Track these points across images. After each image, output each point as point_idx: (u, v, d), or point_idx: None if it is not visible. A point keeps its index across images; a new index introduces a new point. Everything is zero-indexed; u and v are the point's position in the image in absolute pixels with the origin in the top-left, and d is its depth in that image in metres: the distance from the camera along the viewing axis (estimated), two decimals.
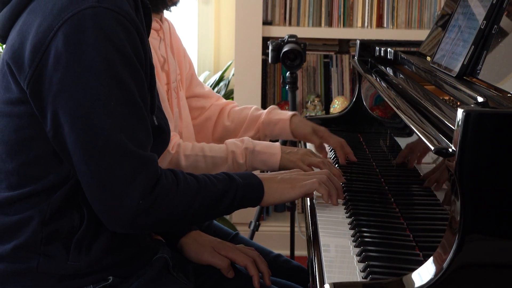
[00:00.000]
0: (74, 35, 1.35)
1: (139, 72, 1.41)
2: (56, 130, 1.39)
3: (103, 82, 1.35)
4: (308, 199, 1.70)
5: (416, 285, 1.16)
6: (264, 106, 3.56)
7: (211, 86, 3.54)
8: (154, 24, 1.91)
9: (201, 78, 3.63)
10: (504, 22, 1.57)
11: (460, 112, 1.14)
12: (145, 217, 1.40)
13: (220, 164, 1.86)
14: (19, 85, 1.40)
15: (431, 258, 1.19)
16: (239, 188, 1.51)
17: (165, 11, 1.97)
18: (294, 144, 2.94)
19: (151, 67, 1.48)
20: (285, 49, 2.87)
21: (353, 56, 2.51)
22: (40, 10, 1.40)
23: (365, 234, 1.46)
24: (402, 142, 1.69)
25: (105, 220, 1.41)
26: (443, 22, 2.01)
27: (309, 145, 2.25)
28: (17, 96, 1.42)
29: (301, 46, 2.88)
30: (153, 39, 1.89)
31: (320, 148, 2.07)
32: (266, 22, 3.46)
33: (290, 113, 2.12)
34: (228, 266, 1.67)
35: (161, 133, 1.55)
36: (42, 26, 1.37)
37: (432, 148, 1.23)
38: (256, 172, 1.64)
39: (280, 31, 3.37)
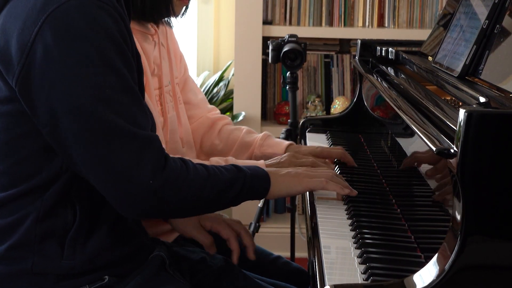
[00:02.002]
0: (63, 27, 1.34)
1: (129, 58, 1.41)
2: (53, 124, 1.37)
3: (98, 71, 1.35)
4: (308, 200, 1.69)
5: (418, 286, 1.15)
6: (264, 106, 3.56)
7: (210, 86, 3.53)
8: (149, 29, 1.89)
9: (200, 78, 3.62)
10: (507, 21, 1.57)
11: (462, 113, 1.13)
12: (158, 199, 1.39)
13: None
14: (7, 83, 1.39)
15: (433, 259, 1.18)
16: (247, 178, 1.51)
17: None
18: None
19: (137, 55, 1.49)
20: (286, 49, 2.86)
21: (354, 56, 2.50)
22: (22, 6, 1.39)
23: (366, 235, 1.46)
24: (404, 142, 1.68)
25: (119, 206, 1.40)
26: (445, 21, 2.00)
27: (309, 142, 2.24)
28: (5, 95, 1.41)
29: (302, 46, 2.88)
30: (147, 44, 1.87)
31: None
32: (266, 22, 3.45)
33: (285, 144, 2.02)
34: (211, 243, 1.67)
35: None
36: (27, 22, 1.36)
37: (434, 148, 1.22)
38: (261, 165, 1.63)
39: (280, 31, 3.36)
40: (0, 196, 1.46)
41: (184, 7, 1.87)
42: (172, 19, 1.89)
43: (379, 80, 2.00)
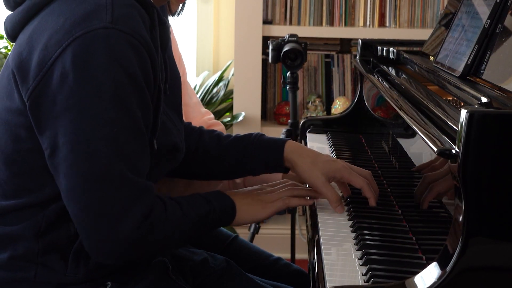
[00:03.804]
0: (84, 55, 1.31)
1: (147, 98, 1.38)
2: (53, 149, 1.35)
3: (108, 107, 1.32)
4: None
5: None
6: (264, 106, 3.55)
7: (210, 86, 3.52)
8: None
9: (200, 78, 3.61)
10: (509, 21, 1.56)
11: (463, 113, 1.12)
12: (136, 247, 1.37)
13: None
14: (21, 95, 1.37)
15: (434, 261, 1.17)
16: (216, 211, 1.49)
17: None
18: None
19: (159, 91, 1.44)
20: (286, 48, 2.85)
21: (355, 56, 2.49)
22: (53, 21, 1.36)
23: (367, 237, 1.45)
24: (405, 143, 1.67)
25: (95, 250, 1.37)
26: (447, 21, 1.99)
27: (310, 147, 2.23)
28: (17, 106, 1.38)
29: (302, 46, 2.87)
30: None
31: None
32: (266, 21, 3.44)
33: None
34: (338, 200, 1.60)
35: (176, 152, 1.54)
36: (51, 40, 1.33)
37: (435, 149, 1.22)
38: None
39: (281, 31, 3.35)
40: (4, 204, 1.44)
41: (181, 6, 1.85)
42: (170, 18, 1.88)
43: (380, 80, 1.99)
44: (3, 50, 3.20)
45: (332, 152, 2.12)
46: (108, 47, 1.31)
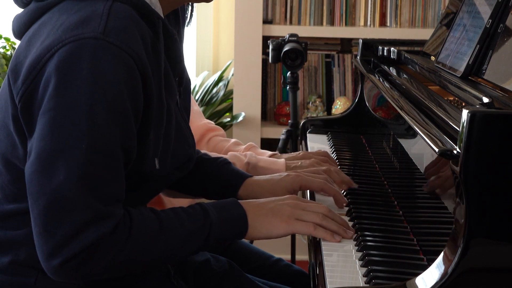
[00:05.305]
0: (67, 62, 1.26)
1: (129, 119, 1.30)
2: (29, 154, 1.30)
3: (80, 121, 1.25)
4: (309, 199, 1.68)
5: None
6: (264, 106, 3.55)
7: (210, 86, 3.52)
8: None
9: (199, 78, 3.61)
10: (510, 21, 1.56)
11: (465, 113, 1.12)
12: (81, 270, 1.29)
13: None
14: (14, 99, 1.34)
15: (435, 262, 1.17)
16: (214, 225, 1.37)
17: None
18: (295, 149, 2.91)
19: (168, 109, 1.39)
20: (286, 48, 2.85)
21: (356, 56, 2.49)
22: (51, 25, 1.33)
23: (367, 238, 1.44)
24: (406, 143, 1.67)
25: (43, 264, 1.31)
26: (448, 20, 1.99)
27: (310, 147, 2.23)
28: (12, 112, 1.36)
29: (302, 46, 2.86)
30: None
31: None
32: (266, 21, 3.44)
33: (267, 154, 1.99)
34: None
35: (189, 163, 1.52)
36: (44, 43, 1.30)
37: (437, 150, 1.21)
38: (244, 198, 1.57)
39: (281, 30, 3.35)
40: (6, 207, 1.43)
41: (189, 14, 1.85)
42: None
43: (381, 80, 1.99)
44: (1, 50, 3.20)
45: (333, 153, 2.11)
46: (93, 59, 1.26)
